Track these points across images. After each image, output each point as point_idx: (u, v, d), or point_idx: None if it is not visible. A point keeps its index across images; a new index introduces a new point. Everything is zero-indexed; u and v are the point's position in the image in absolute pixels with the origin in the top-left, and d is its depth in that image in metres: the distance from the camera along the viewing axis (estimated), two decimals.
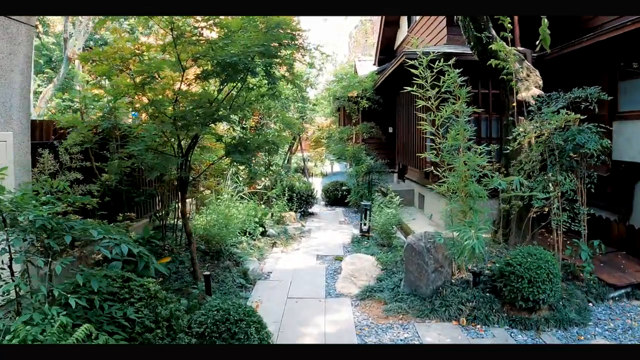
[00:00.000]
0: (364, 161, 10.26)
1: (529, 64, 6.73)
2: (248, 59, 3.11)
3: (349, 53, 32.85)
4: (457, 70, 4.79)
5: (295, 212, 8.97)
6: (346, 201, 10.48)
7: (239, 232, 6.44)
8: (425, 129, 4.99)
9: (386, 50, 14.90)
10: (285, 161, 15.63)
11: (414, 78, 5.08)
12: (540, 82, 6.70)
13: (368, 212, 7.18)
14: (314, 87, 14.88)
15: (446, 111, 4.81)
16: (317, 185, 15.88)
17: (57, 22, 19.14)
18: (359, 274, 5.28)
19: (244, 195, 7.77)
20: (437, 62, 4.85)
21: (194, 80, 3.62)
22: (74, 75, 17.57)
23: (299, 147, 17.17)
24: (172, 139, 3.82)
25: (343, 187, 11.02)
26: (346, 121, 13.41)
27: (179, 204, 5.54)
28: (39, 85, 19.36)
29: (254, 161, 4.20)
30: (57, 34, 19.43)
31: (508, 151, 5.62)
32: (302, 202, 9.40)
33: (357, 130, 11.83)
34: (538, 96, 6.43)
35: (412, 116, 9.45)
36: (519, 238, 6.07)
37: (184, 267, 4.96)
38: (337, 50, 30.65)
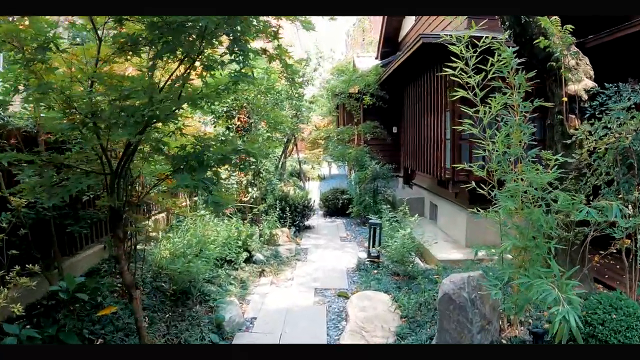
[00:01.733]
0: (367, 166, 8.93)
1: (578, 50, 5.42)
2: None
3: (347, 51, 31.72)
4: (512, 49, 3.46)
5: (289, 227, 7.63)
6: (347, 212, 9.15)
7: (216, 261, 5.09)
8: (466, 128, 3.66)
9: (390, 42, 13.56)
10: (279, 165, 14.28)
11: (453, 58, 3.76)
12: (592, 72, 5.38)
13: (377, 232, 5.84)
14: (310, 83, 13.55)
15: (496, 104, 3.47)
16: (315, 190, 14.55)
17: None
18: (372, 325, 3.94)
19: (225, 211, 6.41)
20: (482, 40, 3.53)
21: (118, 56, 2.28)
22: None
23: (295, 148, 15.84)
24: (96, 146, 2.48)
25: (344, 196, 9.68)
26: (346, 120, 12.08)
27: (137, 229, 4.19)
28: None
29: (221, 180, 2.81)
30: None
31: (574, 160, 4.28)
32: (297, 215, 8.06)
33: (359, 130, 10.50)
34: (590, 89, 5.14)
35: (424, 113, 8.13)
36: (569, 267, 4.76)
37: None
38: (334, 48, 29.37)
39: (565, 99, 5.02)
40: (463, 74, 3.58)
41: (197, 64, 2.48)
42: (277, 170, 14.14)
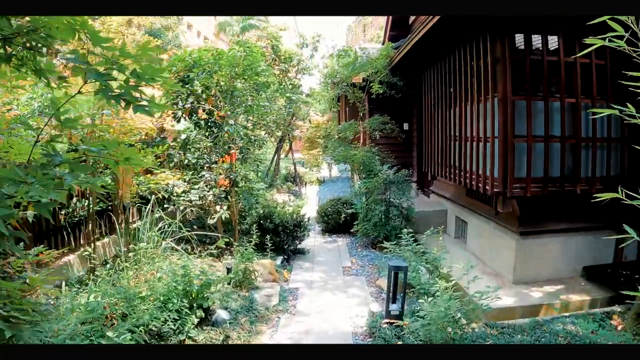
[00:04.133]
0: (378, 172, 6.99)
1: None
2: None
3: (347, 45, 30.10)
4: None
5: (274, 257, 5.69)
6: (352, 230, 7.20)
7: (149, 333, 3.15)
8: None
9: (399, 24, 11.59)
10: (271, 169, 12.34)
11: None
12: None
13: (401, 279, 3.87)
14: (307, 72, 11.64)
15: None
16: (312, 196, 12.63)
17: None
18: None
19: (174, 245, 4.48)
20: None
21: None
22: None
23: (290, 149, 13.92)
24: None
25: (348, 209, 7.72)
26: (349, 115, 10.14)
27: None
28: None
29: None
30: None
31: None
32: (286, 236, 6.13)
33: (365, 126, 8.55)
34: None
35: (453, 103, 6.18)
36: None
37: None
38: (334, 45, 27.73)
39: None
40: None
41: None
42: (268, 176, 12.20)
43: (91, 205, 4.20)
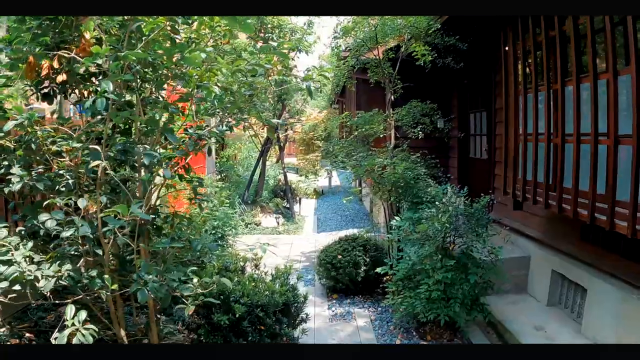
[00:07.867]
0: (431, 199, 3.85)
1: None
2: None
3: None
4: None
5: None
6: (385, 298, 4.04)
7: None
8: None
9: None
10: (256, 179, 9.14)
11: None
12: None
13: None
14: (305, 47, 8.55)
15: None
16: (309, 214, 9.48)
17: None
18: None
19: None
20: None
21: None
22: None
23: (280, 153, 10.75)
24: None
25: (370, 254, 4.53)
26: (363, 104, 6.99)
27: None
28: None
29: None
30: None
31: None
32: (260, 338, 2.96)
33: (399, 118, 5.37)
34: None
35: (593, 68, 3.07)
36: None
37: None
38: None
39: None
40: None
41: None
42: (249, 190, 8.97)
43: None
